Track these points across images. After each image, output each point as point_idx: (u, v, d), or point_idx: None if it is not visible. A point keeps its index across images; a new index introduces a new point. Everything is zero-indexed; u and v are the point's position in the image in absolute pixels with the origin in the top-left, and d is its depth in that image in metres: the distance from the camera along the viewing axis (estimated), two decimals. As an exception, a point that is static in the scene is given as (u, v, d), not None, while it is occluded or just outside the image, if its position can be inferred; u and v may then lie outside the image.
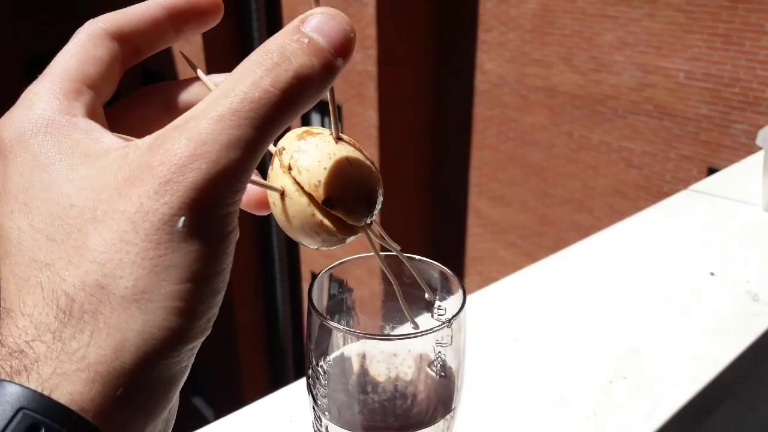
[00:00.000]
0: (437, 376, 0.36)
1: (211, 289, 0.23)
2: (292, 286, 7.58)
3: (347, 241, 0.29)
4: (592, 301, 0.76)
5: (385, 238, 0.30)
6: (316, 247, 0.29)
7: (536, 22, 5.06)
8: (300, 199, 0.27)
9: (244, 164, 0.22)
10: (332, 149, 0.28)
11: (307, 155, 0.28)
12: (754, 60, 3.96)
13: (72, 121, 0.25)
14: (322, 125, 0.31)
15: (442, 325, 0.33)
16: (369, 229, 0.29)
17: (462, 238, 6.11)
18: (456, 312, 0.33)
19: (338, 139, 0.29)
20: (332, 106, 0.28)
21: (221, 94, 0.23)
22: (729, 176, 1.15)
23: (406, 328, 0.37)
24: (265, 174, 0.29)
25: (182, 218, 0.22)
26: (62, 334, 0.21)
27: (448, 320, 0.33)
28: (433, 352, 0.35)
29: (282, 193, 0.28)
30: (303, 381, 0.37)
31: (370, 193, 0.28)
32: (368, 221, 0.29)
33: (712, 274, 0.80)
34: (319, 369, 0.34)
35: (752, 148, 1.23)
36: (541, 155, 5.31)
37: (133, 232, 0.22)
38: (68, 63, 0.26)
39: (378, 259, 0.32)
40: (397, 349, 0.36)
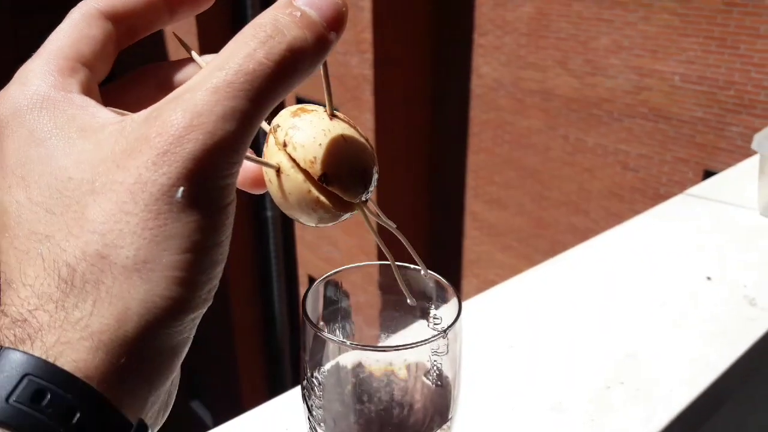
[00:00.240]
0: (433, 386, 0.36)
1: (210, 260, 0.23)
2: (289, 289, 7.56)
3: (343, 218, 0.29)
4: (588, 306, 0.75)
5: (380, 215, 0.30)
6: (313, 224, 0.29)
7: (532, 26, 5.06)
8: (296, 176, 0.27)
9: (240, 136, 0.23)
10: (327, 125, 0.28)
11: (302, 132, 0.27)
12: (749, 63, 3.97)
13: (67, 96, 0.25)
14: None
15: (438, 335, 0.32)
16: (365, 206, 0.29)
17: (459, 241, 6.10)
18: (452, 321, 0.33)
19: (332, 116, 0.28)
20: (326, 82, 0.28)
21: (216, 67, 0.23)
22: (725, 180, 1.15)
23: (404, 337, 0.36)
24: (259, 153, 0.29)
25: (181, 188, 0.22)
26: (65, 304, 0.21)
27: (444, 330, 0.33)
28: (430, 361, 0.35)
29: (278, 170, 0.28)
30: (299, 388, 0.37)
31: (365, 169, 0.28)
32: (364, 198, 0.28)
33: (708, 279, 0.80)
34: (314, 380, 0.33)
35: (748, 150, 1.23)
36: (537, 158, 5.31)
37: (132, 203, 0.22)
38: (62, 41, 0.26)
39: (374, 235, 0.32)
40: (393, 359, 0.35)
